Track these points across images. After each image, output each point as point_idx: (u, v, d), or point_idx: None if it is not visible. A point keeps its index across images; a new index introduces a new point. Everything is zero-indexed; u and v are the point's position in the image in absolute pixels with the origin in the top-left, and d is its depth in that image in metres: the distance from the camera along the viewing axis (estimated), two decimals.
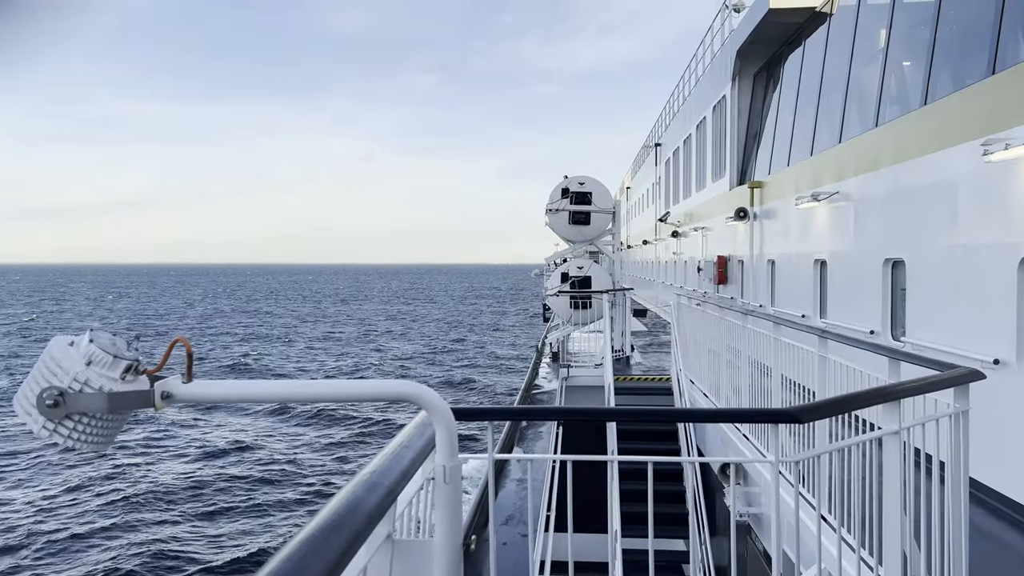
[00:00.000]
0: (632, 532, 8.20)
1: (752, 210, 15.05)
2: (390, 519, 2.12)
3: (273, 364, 49.09)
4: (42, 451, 25.12)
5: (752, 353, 8.27)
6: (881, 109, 9.58)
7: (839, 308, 10.54)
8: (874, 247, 9.26)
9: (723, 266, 17.53)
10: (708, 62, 20.73)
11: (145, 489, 22.11)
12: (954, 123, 7.35)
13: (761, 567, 7.05)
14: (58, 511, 20.46)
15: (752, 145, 16.62)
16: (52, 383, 1.82)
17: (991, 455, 5.96)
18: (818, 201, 10.90)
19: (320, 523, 1.49)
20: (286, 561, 1.30)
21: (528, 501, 4.19)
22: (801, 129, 13.15)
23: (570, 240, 22.59)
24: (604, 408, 12.22)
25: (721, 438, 9.12)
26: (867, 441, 3.71)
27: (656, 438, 11.75)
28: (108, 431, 1.90)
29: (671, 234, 25.57)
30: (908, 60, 9.37)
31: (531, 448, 17.65)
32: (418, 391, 1.99)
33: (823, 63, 12.48)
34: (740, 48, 16.05)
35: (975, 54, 7.50)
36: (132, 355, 1.89)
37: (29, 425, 1.83)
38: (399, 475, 1.89)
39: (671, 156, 27.59)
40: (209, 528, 19.33)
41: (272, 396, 2.13)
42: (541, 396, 22.73)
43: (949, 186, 7.38)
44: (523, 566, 5.74)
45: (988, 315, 6.57)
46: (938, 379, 3.67)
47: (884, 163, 8.99)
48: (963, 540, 3.70)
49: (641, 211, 39.01)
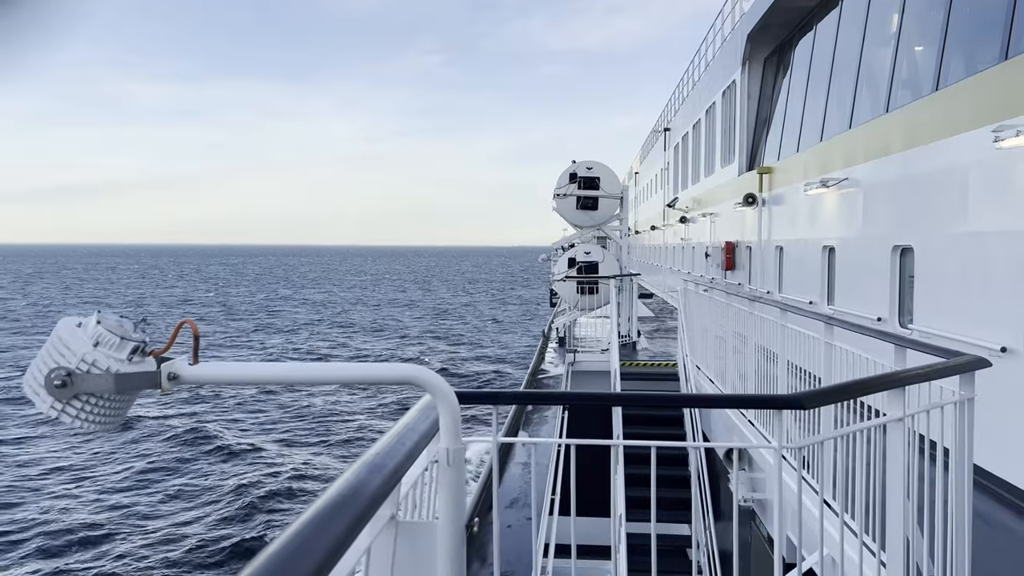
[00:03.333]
0: (637, 516, 8.23)
1: (761, 196, 14.99)
2: (394, 500, 2.14)
3: (276, 347, 49.16)
4: (45, 431, 25.36)
5: (759, 339, 8.27)
6: (892, 94, 9.50)
7: (847, 295, 10.51)
8: (883, 234, 9.22)
9: (731, 252, 17.48)
10: (718, 46, 20.58)
11: (143, 469, 22.32)
12: (965, 109, 7.28)
13: (765, 552, 7.08)
14: (66, 496, 20.68)
15: (761, 130, 16.52)
16: (60, 364, 1.84)
17: (997, 442, 5.96)
18: (827, 187, 10.85)
19: (324, 503, 1.50)
20: (291, 540, 1.32)
21: (532, 485, 4.21)
22: (811, 114, 13.06)
23: (578, 225, 22.57)
24: (608, 393, 12.24)
25: (726, 423, 9.13)
26: (871, 428, 3.72)
27: (662, 423, 11.77)
28: (116, 412, 1.92)
29: (679, 219, 25.50)
30: (920, 45, 9.28)
31: (537, 431, 17.72)
32: (422, 374, 2.01)
33: (834, 48, 12.37)
34: (750, 32, 15.92)
35: (988, 39, 7.42)
36: (139, 336, 1.91)
37: (37, 405, 1.85)
38: (403, 457, 1.91)
39: (680, 141, 27.45)
40: (211, 510, 19.49)
41: (277, 378, 2.15)
42: (547, 381, 22.77)
43: (959, 173, 7.32)
44: (527, 548, 5.79)
45: (996, 303, 6.54)
46: (943, 366, 3.66)
47: (894, 149, 8.93)
48: (966, 526, 3.71)
49: (649, 196, 38.89)
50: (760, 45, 16.36)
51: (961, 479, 3.70)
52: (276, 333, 56.68)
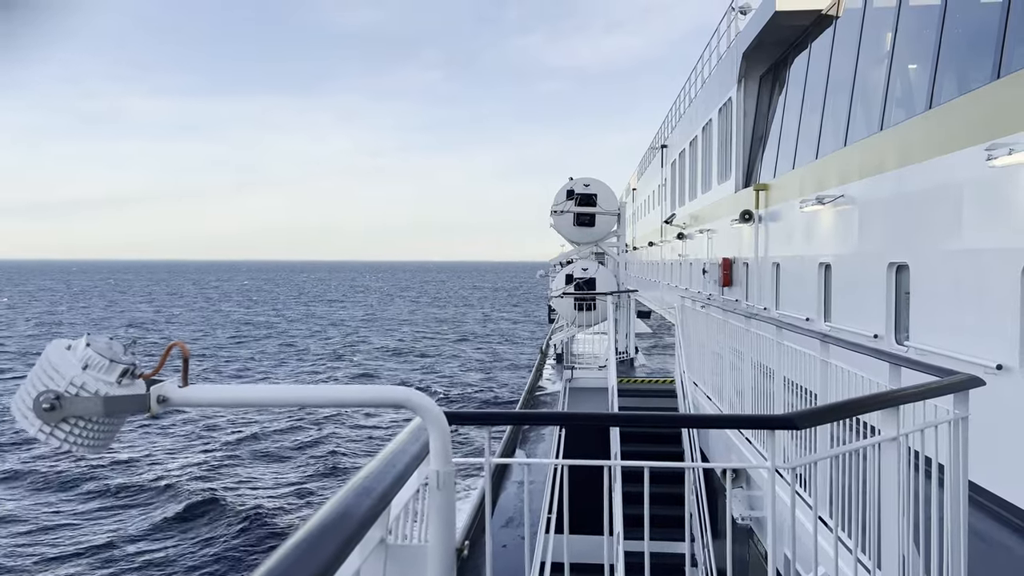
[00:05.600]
0: (635, 534, 8.19)
1: (757, 212, 15.04)
2: (383, 524, 2.13)
3: (269, 368, 48.80)
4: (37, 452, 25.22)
5: (755, 356, 8.26)
6: (886, 113, 9.57)
7: (843, 311, 10.52)
8: (878, 251, 9.25)
9: (728, 268, 17.51)
10: (714, 64, 20.72)
11: (134, 489, 22.15)
12: (958, 127, 7.33)
13: (763, 569, 7.03)
14: (59, 511, 20.56)
15: (758, 148, 16.60)
16: (49, 387, 1.83)
17: (992, 459, 5.95)
18: (823, 204, 10.89)
19: (313, 527, 1.50)
20: (279, 563, 1.31)
21: (525, 504, 4.20)
22: (806, 132, 13.13)
23: (575, 242, 22.58)
24: (603, 413, 12.20)
25: (724, 442, 9.11)
26: (866, 447, 3.71)
27: (659, 441, 11.74)
28: (104, 434, 1.91)
29: (676, 236, 25.55)
30: (913, 63, 9.35)
31: (534, 448, 17.65)
32: (411, 396, 2.01)
33: (829, 66, 12.46)
34: (746, 51, 16.04)
35: (980, 58, 7.49)
36: (128, 359, 1.91)
37: (26, 428, 1.85)
38: (393, 480, 1.90)
39: (677, 158, 27.57)
40: (202, 531, 19.34)
41: (267, 401, 2.15)
42: (545, 398, 22.71)
43: (953, 190, 7.36)
44: (522, 568, 5.75)
45: (991, 320, 6.56)
46: (937, 385, 3.67)
47: (889, 167, 8.97)
48: (962, 544, 3.70)
49: (647, 213, 38.99)
50: (756, 63, 16.47)
51: (956, 497, 3.70)
52: (271, 354, 56.37)
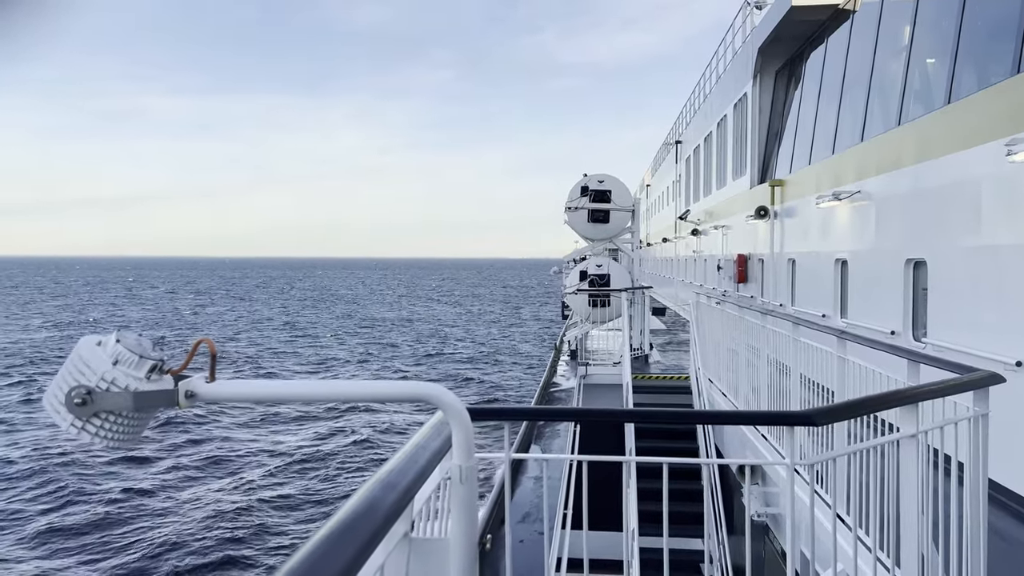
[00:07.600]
0: (651, 530, 8.19)
1: (773, 208, 14.97)
2: (407, 518, 2.15)
3: (291, 364, 49.10)
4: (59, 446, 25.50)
5: (771, 353, 8.24)
6: (904, 107, 9.50)
7: (860, 308, 10.46)
8: (895, 247, 9.19)
9: (743, 265, 17.44)
10: (729, 59, 20.62)
11: (159, 486, 22.35)
12: (977, 122, 7.27)
13: (779, 567, 7.03)
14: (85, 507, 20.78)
15: (773, 143, 16.52)
16: (80, 382, 1.87)
17: (1013, 457, 5.91)
18: (839, 200, 10.83)
19: (338, 522, 1.52)
20: (306, 559, 1.34)
21: (544, 500, 4.22)
22: (823, 127, 13.05)
23: (589, 238, 22.56)
24: (619, 409, 12.20)
25: (739, 437, 9.10)
26: (884, 444, 3.71)
27: (675, 437, 11.71)
28: (134, 429, 1.95)
29: (691, 232, 25.46)
30: (931, 58, 9.28)
31: (549, 444, 17.67)
32: (434, 391, 2.03)
33: (845, 60, 12.38)
34: (762, 46, 15.95)
35: (1000, 52, 7.42)
36: (157, 355, 1.94)
37: (58, 423, 1.89)
38: (416, 475, 1.93)
39: (691, 154, 27.47)
40: (227, 527, 19.51)
41: (292, 396, 2.18)
42: (559, 394, 22.70)
43: (972, 186, 7.30)
44: (539, 563, 5.78)
45: (1011, 316, 6.51)
46: (956, 382, 3.65)
47: (906, 162, 8.91)
48: (982, 542, 3.68)
49: (661, 209, 38.88)
50: (771, 58, 16.38)
51: (976, 495, 3.68)
52: (294, 352, 56.63)
